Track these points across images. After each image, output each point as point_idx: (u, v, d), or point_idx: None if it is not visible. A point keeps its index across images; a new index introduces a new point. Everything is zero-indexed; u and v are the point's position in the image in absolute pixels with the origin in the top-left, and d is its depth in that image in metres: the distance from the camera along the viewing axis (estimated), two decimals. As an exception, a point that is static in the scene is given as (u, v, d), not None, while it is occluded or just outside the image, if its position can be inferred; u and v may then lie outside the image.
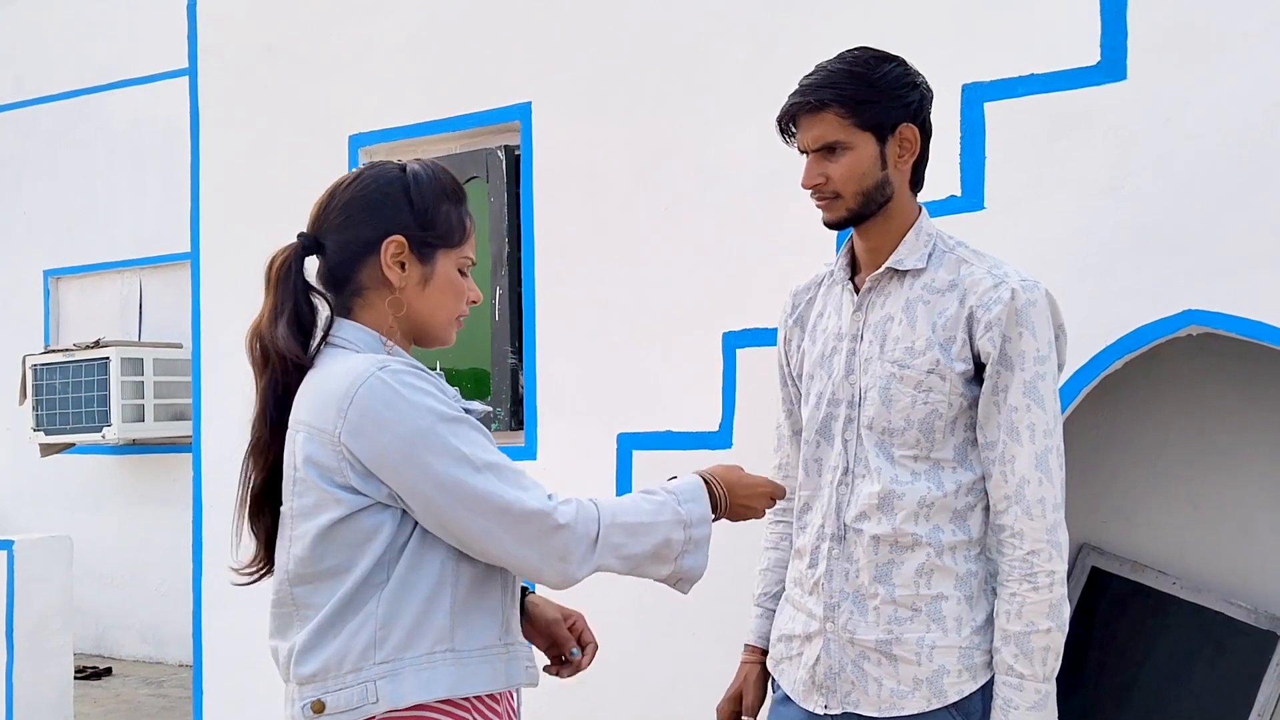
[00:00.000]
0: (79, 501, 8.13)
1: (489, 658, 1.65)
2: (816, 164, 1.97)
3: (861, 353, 2.00)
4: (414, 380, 1.61)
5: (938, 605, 1.94)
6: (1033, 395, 1.90)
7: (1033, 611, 1.87)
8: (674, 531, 1.72)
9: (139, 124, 7.92)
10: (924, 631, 1.94)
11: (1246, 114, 2.50)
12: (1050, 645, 1.88)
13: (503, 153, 3.73)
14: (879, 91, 1.94)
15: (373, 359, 1.62)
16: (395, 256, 1.69)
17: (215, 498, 4.21)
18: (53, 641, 5.23)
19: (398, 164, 1.76)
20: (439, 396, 1.62)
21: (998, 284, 1.92)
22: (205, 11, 4.34)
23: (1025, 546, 1.89)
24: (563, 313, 3.49)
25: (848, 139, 1.94)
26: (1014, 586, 1.89)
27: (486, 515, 1.58)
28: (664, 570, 1.74)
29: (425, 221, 1.71)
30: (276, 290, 1.70)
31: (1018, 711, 1.87)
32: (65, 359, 7.53)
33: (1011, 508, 1.90)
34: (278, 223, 4.14)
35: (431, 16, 3.80)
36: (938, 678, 1.93)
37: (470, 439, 1.61)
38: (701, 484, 1.79)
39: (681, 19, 3.33)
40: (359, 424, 1.57)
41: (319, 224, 1.74)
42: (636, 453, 3.20)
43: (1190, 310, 2.51)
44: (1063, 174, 2.68)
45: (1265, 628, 3.19)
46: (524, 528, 1.60)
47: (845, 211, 1.98)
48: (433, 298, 1.73)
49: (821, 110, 1.94)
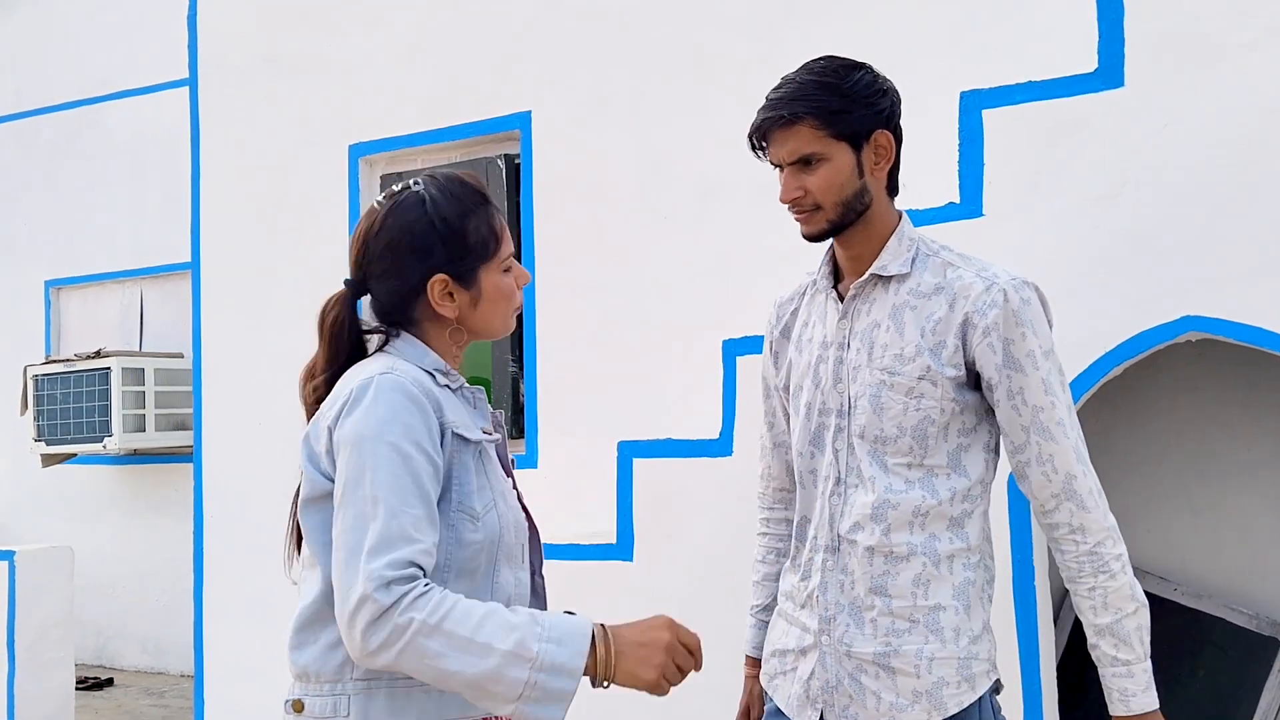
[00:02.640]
0: (80, 512, 8.12)
1: None
2: (794, 177, 1.95)
3: (849, 361, 1.99)
4: (400, 397, 1.60)
5: (935, 616, 1.93)
6: (1051, 392, 1.90)
7: (1117, 598, 1.88)
8: (513, 667, 1.46)
9: (140, 134, 7.93)
10: (922, 643, 1.92)
11: (1243, 121, 2.50)
12: (1141, 624, 1.89)
13: (503, 162, 3.73)
14: (852, 100, 1.92)
15: (385, 366, 1.64)
16: (443, 294, 1.71)
17: (216, 508, 4.21)
18: (54, 652, 5.22)
19: (416, 194, 1.73)
20: (407, 423, 1.58)
21: (989, 286, 1.91)
22: (206, 22, 4.35)
23: (1090, 539, 1.89)
24: (563, 321, 3.49)
25: (824, 150, 1.92)
26: (1090, 580, 1.90)
27: (344, 534, 1.54)
28: (498, 707, 1.50)
29: (459, 250, 1.71)
30: (330, 342, 1.73)
31: (1136, 698, 1.88)
32: (66, 369, 7.53)
33: (1063, 505, 1.90)
34: (278, 232, 4.18)
35: (431, 27, 3.81)
36: (937, 689, 1.92)
37: (396, 475, 1.54)
38: (587, 633, 1.54)
39: (680, 29, 3.34)
40: (346, 411, 1.61)
41: (360, 269, 1.75)
42: (637, 461, 3.20)
43: (1189, 316, 2.52)
44: (1060, 181, 2.69)
45: (1266, 633, 3.18)
46: (350, 571, 1.50)
47: (825, 224, 1.97)
48: (485, 312, 1.75)
49: (795, 123, 1.92)
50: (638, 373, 3.34)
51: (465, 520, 1.65)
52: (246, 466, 4.13)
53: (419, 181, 1.76)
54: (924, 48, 2.93)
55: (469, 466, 1.67)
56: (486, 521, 1.67)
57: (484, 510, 1.67)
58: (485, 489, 1.69)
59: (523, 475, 2.76)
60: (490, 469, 1.72)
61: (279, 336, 3.90)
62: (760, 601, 2.26)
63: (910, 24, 2.95)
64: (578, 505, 3.34)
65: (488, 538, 1.67)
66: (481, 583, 1.67)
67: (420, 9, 3.84)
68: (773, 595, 2.22)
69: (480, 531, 1.66)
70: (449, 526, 1.63)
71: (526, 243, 3.58)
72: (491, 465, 1.73)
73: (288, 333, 3.78)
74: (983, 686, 1.94)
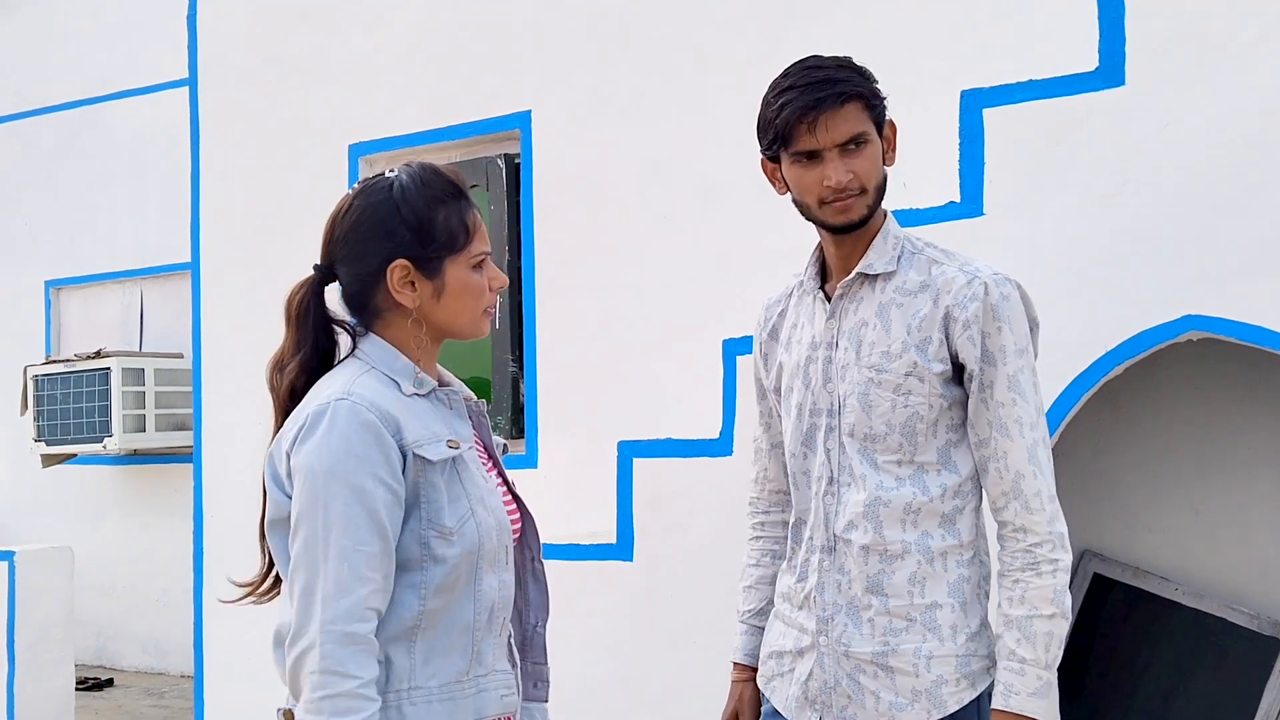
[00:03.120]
0: (80, 512, 8.12)
1: (453, 694, 1.66)
2: (842, 159, 1.90)
3: (838, 360, 1.99)
4: (355, 427, 1.60)
5: (932, 614, 1.93)
6: (1016, 389, 1.89)
7: (1035, 597, 1.86)
8: None
9: (140, 134, 7.93)
10: (920, 641, 1.92)
11: (1244, 120, 2.50)
12: (1053, 631, 1.86)
13: (503, 161, 3.73)
14: (876, 88, 1.95)
15: (343, 388, 1.64)
16: (402, 280, 1.69)
17: (216, 508, 4.21)
18: (54, 652, 5.22)
19: (387, 180, 1.73)
20: (360, 455, 1.59)
21: (970, 280, 1.91)
22: (205, 22, 4.35)
23: (1028, 540, 1.88)
24: (563, 320, 3.49)
25: (869, 132, 1.92)
26: (1016, 574, 1.89)
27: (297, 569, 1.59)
28: None
29: (424, 237, 1.69)
30: (296, 328, 1.73)
31: (1018, 697, 1.85)
32: (66, 369, 7.53)
33: (1010, 503, 1.90)
34: (278, 232, 4.17)
35: (431, 26, 3.81)
36: (937, 688, 1.91)
37: (349, 512, 1.57)
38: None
39: (680, 29, 3.34)
40: (301, 438, 1.62)
41: (328, 254, 1.75)
42: (637, 460, 3.20)
43: (1190, 315, 2.51)
44: (1061, 180, 2.68)
45: (1268, 634, 3.18)
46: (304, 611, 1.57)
47: (866, 209, 1.94)
48: (449, 306, 1.72)
49: (846, 103, 1.89)
50: (637, 372, 3.34)
51: (437, 538, 1.64)
52: (246, 467, 4.12)
53: (395, 169, 1.75)
54: (924, 47, 2.93)
55: (437, 484, 1.65)
56: (463, 534, 1.66)
57: (458, 524, 1.66)
58: (460, 499, 1.67)
59: (523, 475, 2.76)
60: (467, 477, 1.70)
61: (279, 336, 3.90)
62: (752, 607, 2.24)
63: (911, 23, 2.95)
64: (577, 505, 3.34)
65: (465, 550, 1.66)
66: (462, 593, 1.67)
67: (420, 9, 3.84)
68: (766, 599, 2.21)
69: (457, 545, 1.65)
70: (422, 544, 1.63)
71: (526, 242, 3.57)
72: (468, 473, 1.70)
73: (287, 333, 3.78)
74: (982, 684, 1.94)
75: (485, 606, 1.69)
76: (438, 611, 1.65)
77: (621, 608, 3.16)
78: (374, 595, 1.56)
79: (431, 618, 1.64)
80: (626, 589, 3.15)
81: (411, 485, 1.63)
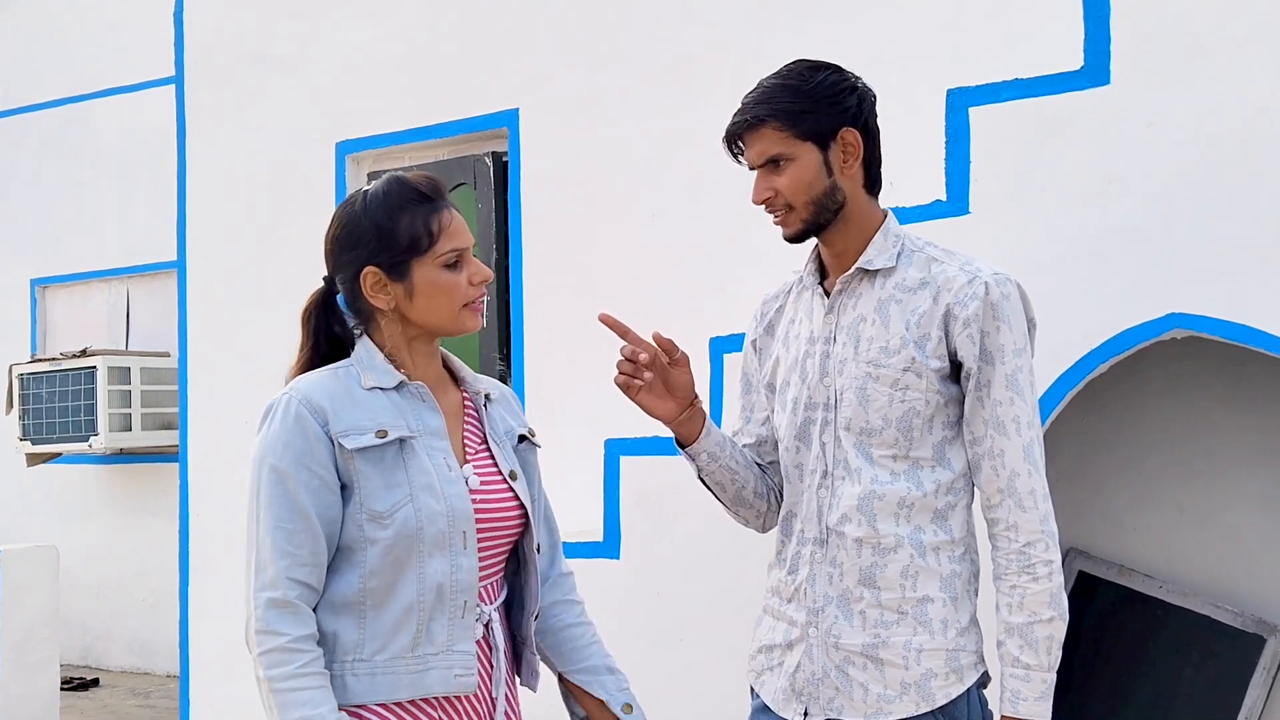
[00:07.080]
0: (66, 511, 8.09)
1: (394, 669, 1.77)
2: (764, 179, 2.00)
3: (835, 355, 2.01)
4: (288, 419, 1.77)
5: (923, 608, 1.94)
6: (1014, 388, 1.91)
7: (1034, 602, 1.88)
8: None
9: (127, 133, 7.90)
10: (910, 634, 1.94)
11: (1229, 118, 2.51)
12: (1053, 635, 1.89)
13: (490, 159, 3.73)
14: (814, 100, 1.95)
15: (293, 385, 1.82)
16: (375, 285, 1.83)
17: (202, 507, 4.19)
18: (39, 652, 5.20)
19: (361, 193, 1.87)
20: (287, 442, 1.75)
21: (971, 279, 1.93)
22: (192, 20, 4.34)
23: (1021, 539, 1.90)
24: (550, 318, 3.49)
25: (789, 151, 1.96)
26: (1013, 579, 1.90)
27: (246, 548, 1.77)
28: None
29: (388, 243, 1.81)
30: (303, 333, 1.91)
31: (1026, 703, 1.88)
32: (52, 368, 7.50)
33: (1004, 501, 1.91)
34: (265, 230, 4.16)
35: (419, 24, 3.80)
36: (925, 681, 1.93)
37: (273, 495, 1.74)
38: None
39: (669, 27, 3.34)
40: (257, 430, 1.81)
41: (326, 266, 1.91)
42: (624, 458, 3.20)
43: (1174, 313, 2.53)
44: (1047, 178, 2.69)
45: (1252, 631, 3.19)
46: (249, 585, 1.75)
47: (800, 224, 2.00)
48: (422, 305, 1.84)
49: (760, 126, 1.96)
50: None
51: (369, 521, 1.76)
52: (232, 466, 4.11)
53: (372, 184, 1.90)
54: (911, 46, 2.93)
55: (366, 471, 1.76)
56: (398, 518, 1.76)
57: (391, 509, 1.76)
58: (400, 486, 1.77)
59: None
60: (414, 465, 1.79)
61: (265, 335, 3.89)
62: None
63: (897, 22, 2.96)
64: (565, 503, 3.33)
65: (399, 533, 1.76)
66: (407, 573, 1.77)
67: (407, 7, 3.83)
68: (753, 436, 2.21)
69: (390, 529, 1.76)
70: (357, 527, 1.76)
71: (514, 240, 3.57)
72: (415, 461, 1.79)
73: (274, 331, 3.77)
74: (970, 679, 1.96)
75: (430, 588, 1.77)
76: (380, 590, 1.77)
77: (609, 605, 3.15)
78: (296, 568, 1.72)
79: (375, 595, 1.77)
80: (614, 587, 3.15)
81: (344, 471, 1.76)
